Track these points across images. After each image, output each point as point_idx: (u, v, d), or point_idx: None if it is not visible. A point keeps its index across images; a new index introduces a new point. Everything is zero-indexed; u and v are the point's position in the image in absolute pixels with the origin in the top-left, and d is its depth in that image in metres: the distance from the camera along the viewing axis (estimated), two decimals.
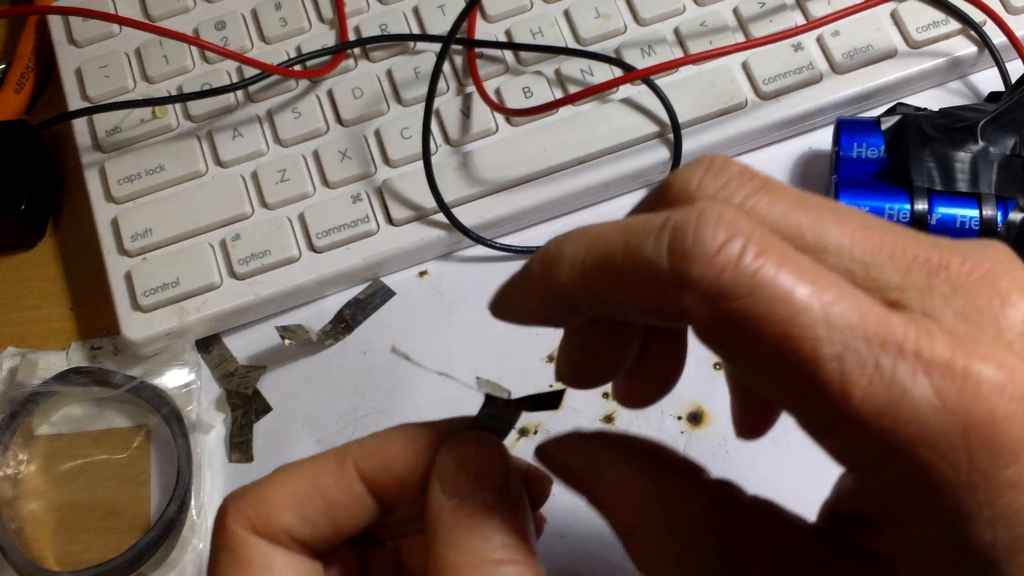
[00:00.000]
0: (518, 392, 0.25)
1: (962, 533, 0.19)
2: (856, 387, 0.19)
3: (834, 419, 0.19)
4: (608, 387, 0.26)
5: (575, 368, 0.25)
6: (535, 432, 0.42)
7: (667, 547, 0.22)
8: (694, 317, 0.20)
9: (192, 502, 0.41)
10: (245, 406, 0.44)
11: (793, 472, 0.35)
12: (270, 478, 0.26)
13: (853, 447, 0.20)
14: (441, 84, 0.47)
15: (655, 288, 0.20)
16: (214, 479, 0.42)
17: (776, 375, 0.20)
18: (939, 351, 0.19)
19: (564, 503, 0.24)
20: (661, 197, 0.22)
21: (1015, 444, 0.19)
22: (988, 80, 0.47)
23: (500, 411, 0.25)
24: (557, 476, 0.25)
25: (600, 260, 0.21)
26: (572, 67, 0.47)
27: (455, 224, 0.44)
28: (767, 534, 0.22)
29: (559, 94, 0.47)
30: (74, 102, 0.48)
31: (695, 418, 0.41)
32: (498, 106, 0.46)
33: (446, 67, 0.47)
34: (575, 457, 0.24)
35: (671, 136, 0.45)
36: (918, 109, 0.44)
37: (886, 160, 0.42)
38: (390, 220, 0.45)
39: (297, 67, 0.48)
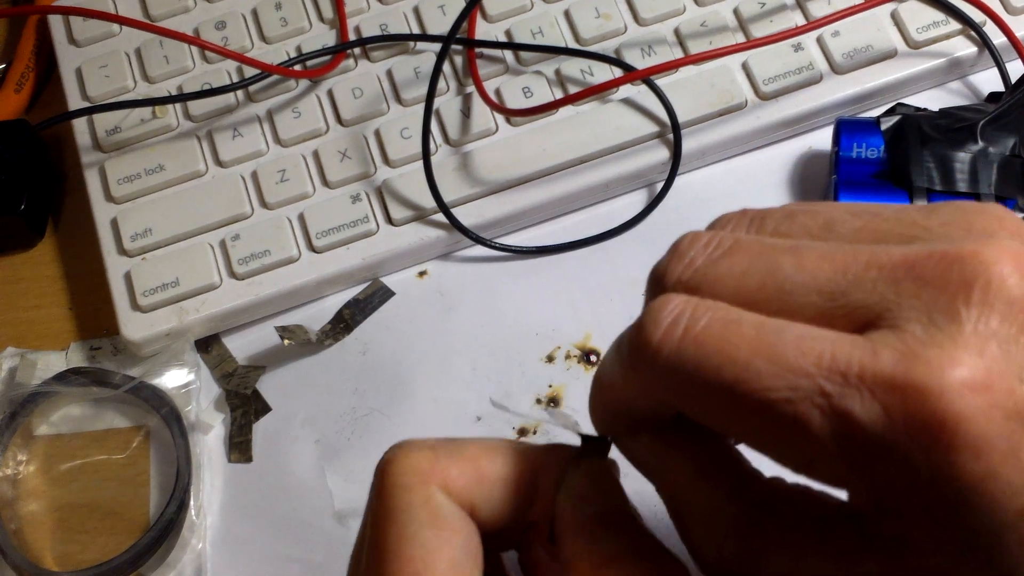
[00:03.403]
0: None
1: (946, 524, 0.21)
2: (811, 420, 0.21)
3: (804, 455, 0.22)
4: None
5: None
6: (534, 432, 0.42)
7: (705, 545, 0.24)
8: (671, 401, 0.23)
9: (191, 502, 0.41)
10: (244, 406, 0.44)
11: None
12: (463, 450, 0.26)
13: (829, 474, 0.22)
14: (441, 84, 0.47)
15: (643, 388, 0.24)
16: (213, 479, 0.42)
17: (750, 429, 0.22)
18: (882, 367, 0.20)
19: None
20: (646, 294, 0.25)
21: (974, 440, 0.20)
22: (988, 80, 0.47)
23: (595, 445, 0.28)
24: (632, 465, 0.27)
25: (607, 378, 0.26)
26: (572, 67, 0.47)
27: (455, 224, 0.44)
28: (794, 530, 0.23)
29: (559, 94, 0.47)
30: (74, 102, 0.48)
31: None
32: (498, 106, 0.46)
33: (446, 67, 0.47)
34: (638, 455, 0.27)
35: (671, 136, 0.45)
36: (918, 109, 0.44)
37: (886, 160, 0.42)
38: (390, 220, 0.45)
39: (297, 67, 0.48)
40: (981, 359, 0.20)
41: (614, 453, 0.27)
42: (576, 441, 0.28)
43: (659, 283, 0.24)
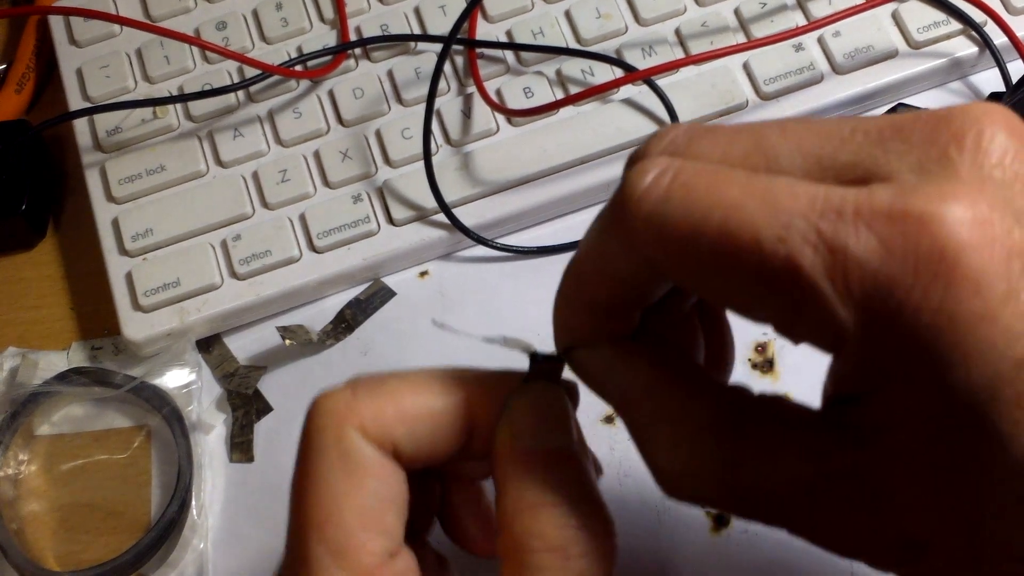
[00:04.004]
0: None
1: (941, 379, 0.19)
2: (804, 258, 0.20)
3: (795, 300, 0.20)
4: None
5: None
6: None
7: (674, 455, 0.23)
8: (655, 259, 0.22)
9: (193, 502, 0.41)
10: (246, 406, 0.44)
11: None
12: (383, 387, 0.26)
13: (820, 326, 0.21)
14: (442, 84, 0.47)
15: (625, 251, 0.23)
16: (215, 479, 0.42)
17: (737, 278, 0.21)
18: (879, 202, 0.20)
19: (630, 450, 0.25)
20: (624, 172, 0.24)
21: (974, 274, 0.19)
22: (989, 81, 0.47)
23: (547, 366, 0.26)
24: (583, 382, 0.26)
25: (580, 257, 0.25)
26: (573, 67, 0.47)
27: (456, 224, 0.44)
28: (769, 430, 0.22)
29: (560, 94, 0.47)
30: (75, 102, 0.48)
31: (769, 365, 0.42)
32: (499, 106, 0.46)
33: (447, 67, 0.47)
34: (599, 367, 0.25)
35: None
36: (919, 110, 0.44)
37: None
38: (391, 220, 0.45)
39: (298, 67, 0.48)
40: (980, 194, 0.19)
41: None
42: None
43: (638, 159, 0.23)
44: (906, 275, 0.19)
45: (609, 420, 0.42)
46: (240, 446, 0.43)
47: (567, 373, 0.26)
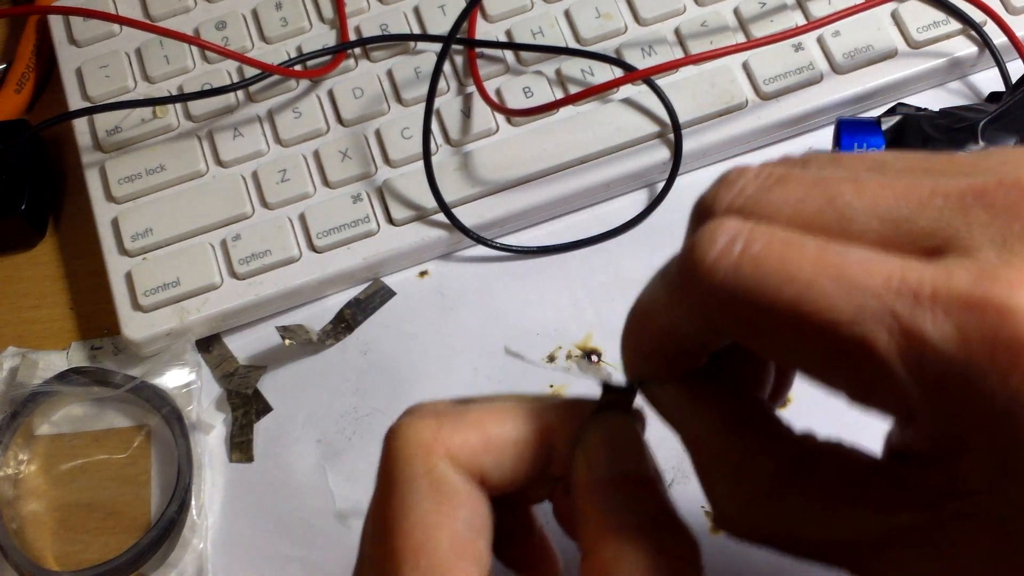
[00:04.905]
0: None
1: (1013, 457, 0.20)
2: (879, 341, 0.20)
3: (865, 381, 0.20)
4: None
5: None
6: None
7: (734, 501, 0.23)
8: (722, 327, 0.22)
9: (192, 502, 0.41)
10: (245, 406, 0.44)
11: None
12: (467, 416, 0.26)
13: (893, 401, 0.21)
14: (442, 84, 0.47)
15: (690, 314, 0.22)
16: (214, 479, 0.42)
17: (808, 353, 0.21)
18: (957, 286, 0.19)
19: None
20: (691, 223, 0.24)
21: None
22: (988, 80, 0.47)
23: (618, 396, 0.26)
24: (656, 413, 0.26)
25: (647, 306, 0.24)
26: (573, 67, 0.47)
27: (455, 224, 0.44)
28: (833, 483, 0.22)
29: (560, 94, 0.47)
30: (75, 102, 0.48)
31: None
32: (499, 106, 0.46)
33: (447, 67, 0.47)
34: (668, 403, 0.25)
35: (671, 136, 0.45)
36: (918, 109, 0.44)
37: None
38: (391, 220, 0.45)
39: (298, 67, 0.48)
40: None
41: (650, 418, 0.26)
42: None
43: (707, 211, 0.23)
44: (983, 362, 0.19)
45: None
46: (240, 446, 0.43)
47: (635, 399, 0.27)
